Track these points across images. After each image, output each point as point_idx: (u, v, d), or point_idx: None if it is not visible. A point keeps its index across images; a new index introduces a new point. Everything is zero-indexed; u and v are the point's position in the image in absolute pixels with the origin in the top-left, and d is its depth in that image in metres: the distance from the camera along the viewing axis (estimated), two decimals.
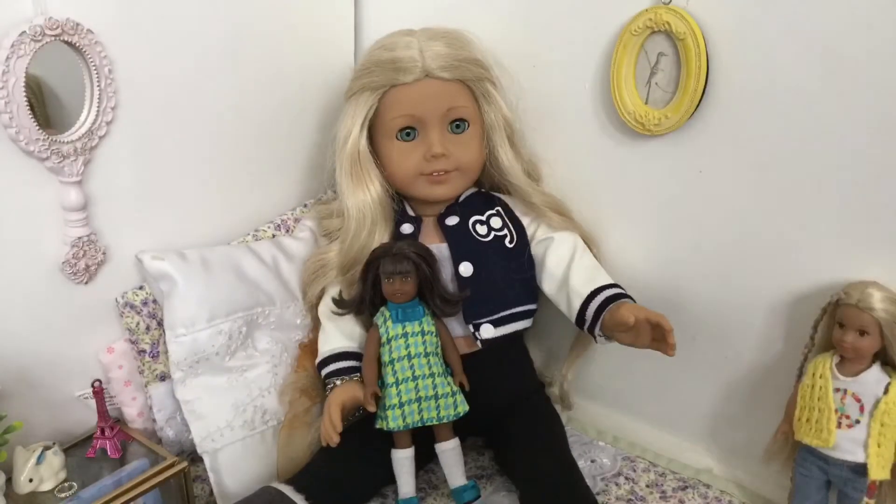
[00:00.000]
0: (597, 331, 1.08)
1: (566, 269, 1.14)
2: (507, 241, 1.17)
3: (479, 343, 1.13)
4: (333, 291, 1.17)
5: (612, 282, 1.12)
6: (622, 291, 1.10)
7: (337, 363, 1.13)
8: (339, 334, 1.15)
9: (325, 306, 1.18)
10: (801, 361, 1.03)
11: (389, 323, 1.07)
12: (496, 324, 1.14)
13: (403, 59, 1.11)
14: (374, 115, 1.15)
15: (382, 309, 1.09)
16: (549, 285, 1.17)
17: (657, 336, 1.00)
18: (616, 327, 1.02)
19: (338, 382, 1.11)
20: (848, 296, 0.94)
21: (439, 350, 1.09)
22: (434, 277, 1.07)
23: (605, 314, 1.06)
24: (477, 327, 1.13)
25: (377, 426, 1.07)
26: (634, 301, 1.08)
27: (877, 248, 0.98)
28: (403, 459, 1.09)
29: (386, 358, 1.07)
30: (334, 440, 1.05)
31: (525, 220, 1.20)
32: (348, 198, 1.16)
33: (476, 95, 1.16)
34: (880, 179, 0.95)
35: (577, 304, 1.11)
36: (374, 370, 1.08)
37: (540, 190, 1.20)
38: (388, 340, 1.07)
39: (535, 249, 1.19)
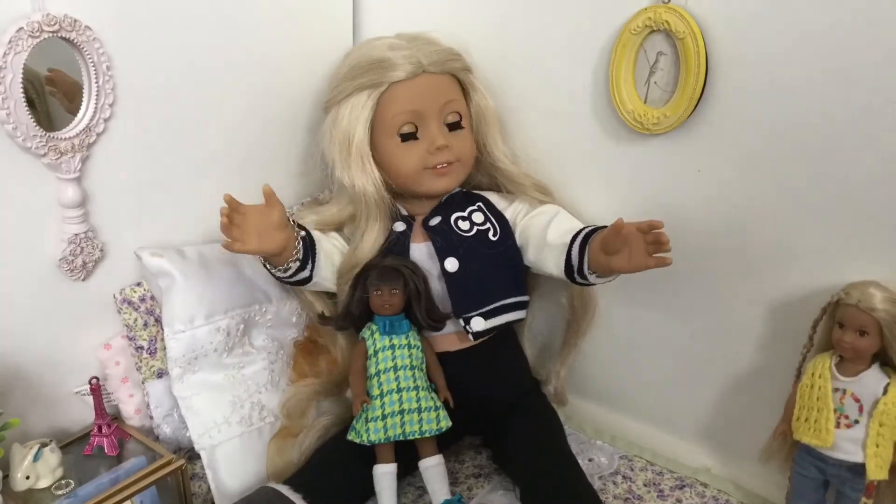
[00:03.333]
0: (586, 269, 1.03)
1: (545, 229, 1.13)
2: (490, 234, 1.17)
3: (470, 336, 1.13)
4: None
5: (593, 225, 1.08)
6: (603, 226, 1.02)
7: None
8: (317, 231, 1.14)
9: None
10: (799, 361, 1.03)
11: (377, 335, 1.08)
12: (486, 316, 1.14)
13: (395, 58, 1.11)
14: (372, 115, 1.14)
15: (369, 323, 1.10)
16: (533, 252, 1.15)
17: (651, 249, 0.93)
18: (605, 247, 0.97)
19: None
20: (848, 296, 0.94)
21: (424, 366, 1.10)
22: (423, 293, 1.09)
23: (590, 244, 1.02)
24: (468, 321, 1.13)
25: (348, 437, 1.07)
26: None
27: (877, 247, 0.98)
28: (385, 475, 1.08)
29: (372, 370, 1.08)
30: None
31: (507, 213, 1.20)
32: (365, 185, 1.13)
33: (465, 87, 1.18)
34: (881, 178, 0.95)
35: (562, 252, 1.07)
36: (363, 382, 1.09)
37: (525, 172, 1.21)
38: (375, 352, 1.08)
39: (519, 234, 1.18)
